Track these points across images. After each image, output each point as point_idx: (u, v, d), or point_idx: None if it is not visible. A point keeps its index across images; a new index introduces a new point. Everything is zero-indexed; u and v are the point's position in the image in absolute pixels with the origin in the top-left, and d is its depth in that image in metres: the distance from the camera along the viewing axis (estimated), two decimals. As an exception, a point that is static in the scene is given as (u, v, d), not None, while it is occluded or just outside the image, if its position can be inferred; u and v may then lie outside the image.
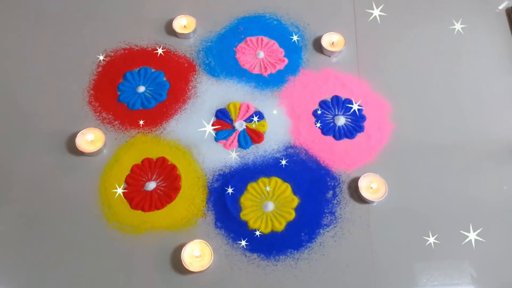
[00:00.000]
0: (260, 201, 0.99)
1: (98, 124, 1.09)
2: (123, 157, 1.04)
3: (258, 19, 1.27)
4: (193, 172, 1.03)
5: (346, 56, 1.20)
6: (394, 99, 1.14)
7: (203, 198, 1.00)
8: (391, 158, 1.05)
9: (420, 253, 0.94)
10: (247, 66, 1.18)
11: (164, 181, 1.01)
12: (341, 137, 1.08)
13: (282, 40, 1.23)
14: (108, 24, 1.25)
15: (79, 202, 0.98)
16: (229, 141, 1.07)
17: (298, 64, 1.19)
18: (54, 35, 1.22)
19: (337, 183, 1.02)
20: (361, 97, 1.13)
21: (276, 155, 1.05)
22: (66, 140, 1.06)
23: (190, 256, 0.91)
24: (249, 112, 1.11)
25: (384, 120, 1.11)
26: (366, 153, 1.06)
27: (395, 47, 1.23)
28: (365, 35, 1.24)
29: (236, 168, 1.03)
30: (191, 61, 1.19)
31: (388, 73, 1.18)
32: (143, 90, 1.14)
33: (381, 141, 1.08)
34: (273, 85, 1.15)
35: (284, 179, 1.02)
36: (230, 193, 0.99)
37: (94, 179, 1.01)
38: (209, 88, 1.14)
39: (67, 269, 0.92)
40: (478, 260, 0.94)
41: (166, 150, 1.05)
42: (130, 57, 1.19)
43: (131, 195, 0.99)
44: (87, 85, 1.14)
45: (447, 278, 0.92)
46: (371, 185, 1.00)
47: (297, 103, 1.13)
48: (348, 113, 1.11)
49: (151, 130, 1.08)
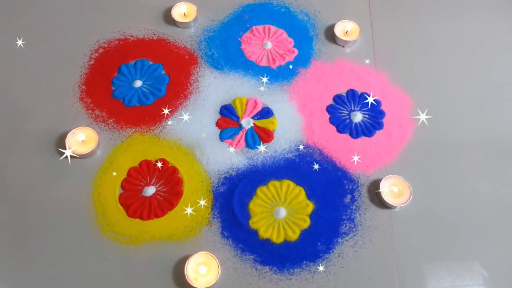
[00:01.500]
0: (271, 207, 0.90)
1: (91, 122, 0.99)
2: (119, 159, 0.94)
3: (264, 7, 1.16)
4: (196, 175, 0.93)
5: (361, 46, 1.10)
6: (415, 92, 1.04)
7: (208, 204, 0.90)
8: (414, 158, 0.96)
9: (450, 264, 0.85)
10: (254, 58, 1.08)
11: (165, 185, 0.92)
12: (358, 135, 0.98)
13: (291, 29, 1.13)
14: (101, 13, 1.15)
15: (69, 210, 0.89)
16: (235, 141, 0.97)
17: (309, 55, 1.09)
18: (41, 26, 1.12)
19: (355, 186, 0.92)
20: (378, 91, 1.04)
21: (288, 155, 0.96)
22: (55, 140, 0.96)
23: (195, 271, 0.82)
24: (257, 108, 1.01)
25: (405, 116, 1.01)
26: (386, 153, 0.96)
27: (414, 36, 1.13)
28: (381, 22, 1.14)
29: (243, 171, 0.94)
30: (192, 52, 1.09)
31: (408, 64, 1.08)
32: (140, 84, 1.04)
33: (403, 139, 0.98)
34: (282, 79, 1.05)
35: (297, 182, 0.92)
36: (238, 198, 0.90)
37: (86, 184, 0.92)
38: (212, 82, 1.04)
39: (57, 285, 0.82)
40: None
41: (166, 151, 0.95)
42: (125, 49, 1.09)
43: (128, 202, 0.90)
44: (78, 79, 1.04)
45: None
46: (393, 188, 0.90)
47: (309, 98, 1.03)
48: (365, 108, 1.01)
49: (149, 129, 0.98)
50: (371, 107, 1.01)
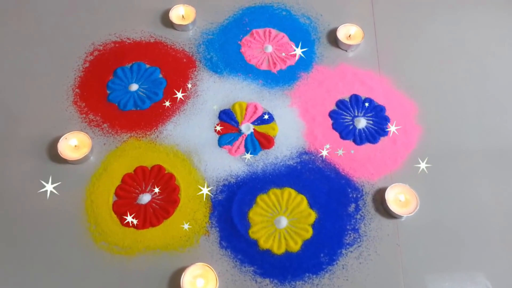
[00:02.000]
0: (271, 216, 0.86)
1: (84, 127, 0.95)
2: (113, 165, 0.90)
3: (265, 10, 1.13)
4: (194, 182, 0.89)
5: (365, 50, 1.07)
6: (420, 98, 1.01)
7: (206, 213, 0.86)
8: (420, 165, 0.92)
9: (459, 276, 0.81)
10: (254, 62, 1.05)
11: (161, 193, 0.88)
12: (362, 141, 0.94)
13: (292, 33, 1.09)
14: (96, 15, 1.11)
15: (60, 218, 0.85)
16: (234, 147, 0.93)
17: (311, 59, 1.06)
18: (35, 27, 1.09)
19: (360, 195, 0.89)
20: (383, 96, 1.00)
21: (289, 162, 0.92)
22: (48, 146, 0.92)
23: (191, 283, 0.78)
24: (257, 113, 0.97)
25: (410, 122, 0.97)
26: (391, 160, 0.93)
27: (419, 40, 1.10)
28: (385, 26, 1.11)
29: (243, 178, 0.90)
30: (191, 56, 1.05)
31: (413, 69, 1.05)
32: (136, 88, 1.00)
33: (408, 146, 0.95)
34: (283, 83, 1.02)
35: (298, 190, 0.88)
36: (237, 206, 0.86)
37: (79, 191, 0.88)
38: (211, 86, 1.01)
39: (46, 298, 0.78)
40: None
41: (162, 157, 0.92)
42: (121, 52, 1.05)
43: (122, 210, 0.85)
44: (72, 83, 1.01)
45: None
46: (400, 197, 0.87)
47: (311, 103, 0.99)
48: (369, 114, 0.98)
49: (145, 134, 0.95)
50: (376, 113, 0.98)
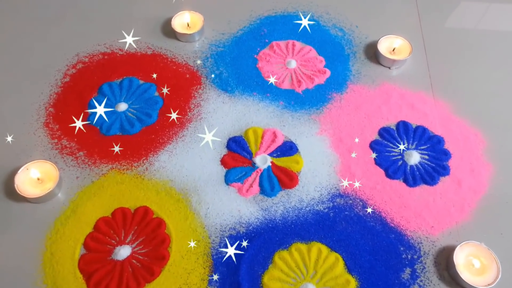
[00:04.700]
0: (294, 282, 0.62)
1: (54, 155, 0.74)
2: (85, 206, 0.69)
3: (287, 19, 0.94)
4: (190, 231, 0.66)
5: (412, 66, 0.86)
6: (488, 127, 0.78)
7: (204, 275, 0.63)
8: (497, 216, 0.68)
9: None
10: (273, 79, 0.84)
11: (145, 245, 0.65)
12: (416, 182, 0.71)
13: (321, 46, 0.89)
14: (84, 23, 0.94)
15: (8, 277, 0.62)
16: (246, 185, 0.71)
17: (345, 77, 0.85)
18: (10, 34, 0.90)
19: (417, 256, 0.64)
20: (439, 124, 0.78)
21: (318, 207, 0.69)
22: (4, 178, 0.71)
23: None
24: (276, 142, 0.75)
25: (477, 158, 0.74)
26: (457, 208, 0.69)
27: (479, 55, 0.88)
28: (436, 38, 0.90)
29: (256, 227, 0.67)
30: (195, 71, 0.86)
31: (476, 91, 0.84)
32: (125, 108, 0.80)
33: (478, 189, 0.71)
34: (310, 105, 0.81)
35: (332, 247, 0.65)
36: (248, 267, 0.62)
37: (35, 240, 0.66)
38: (219, 108, 0.80)
39: None
40: None
41: (151, 196, 0.70)
42: (111, 65, 0.87)
43: (90, 268, 0.63)
44: (46, 100, 0.81)
45: None
46: (473, 262, 0.62)
47: (346, 131, 0.77)
48: (424, 146, 0.75)
49: (131, 166, 0.73)
50: (432, 145, 0.75)
